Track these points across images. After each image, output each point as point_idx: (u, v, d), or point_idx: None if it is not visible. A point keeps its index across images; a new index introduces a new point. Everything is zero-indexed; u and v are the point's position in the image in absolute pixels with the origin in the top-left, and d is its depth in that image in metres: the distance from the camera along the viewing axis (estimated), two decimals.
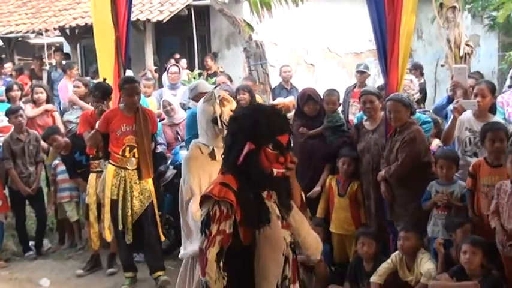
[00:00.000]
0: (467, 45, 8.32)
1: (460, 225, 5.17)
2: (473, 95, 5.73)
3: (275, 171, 3.05)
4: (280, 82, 10.63)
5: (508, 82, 7.10)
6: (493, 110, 5.86)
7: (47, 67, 14.58)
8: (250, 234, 3.01)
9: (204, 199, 3.04)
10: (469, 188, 5.30)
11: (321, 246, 3.36)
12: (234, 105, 4.53)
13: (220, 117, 4.43)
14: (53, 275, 7.09)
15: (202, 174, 4.39)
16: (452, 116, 5.74)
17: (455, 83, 6.16)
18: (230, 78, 9.89)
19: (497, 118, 5.78)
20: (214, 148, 4.46)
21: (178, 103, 8.35)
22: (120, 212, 6.39)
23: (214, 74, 12.04)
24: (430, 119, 6.46)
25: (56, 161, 7.92)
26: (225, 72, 11.22)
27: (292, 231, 3.18)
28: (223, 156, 3.20)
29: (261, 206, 3.05)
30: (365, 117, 6.28)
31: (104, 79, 7.06)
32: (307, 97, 6.50)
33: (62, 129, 8.32)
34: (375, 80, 13.92)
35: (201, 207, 3.08)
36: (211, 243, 2.95)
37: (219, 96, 4.50)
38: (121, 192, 6.40)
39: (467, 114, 5.72)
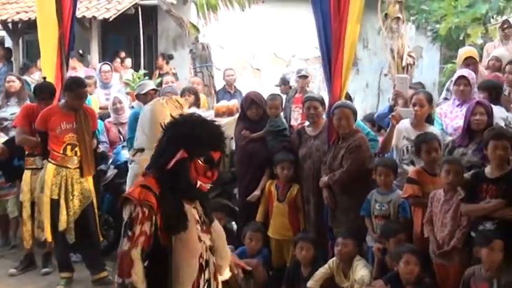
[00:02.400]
0: (410, 56, 8.49)
1: (394, 234, 5.23)
2: (412, 104, 5.85)
3: (199, 183, 3.12)
4: (224, 85, 10.63)
5: (443, 94, 7.27)
6: (429, 120, 6.00)
7: None
8: (168, 238, 3.04)
9: (125, 201, 3.05)
10: (414, 194, 5.30)
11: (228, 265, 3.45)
12: (185, 111, 4.48)
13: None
14: None
15: None
16: (390, 124, 5.84)
17: (396, 92, 6.27)
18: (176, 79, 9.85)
19: (434, 128, 5.92)
20: None
21: (127, 102, 8.25)
22: (64, 211, 6.29)
23: (167, 75, 11.99)
24: (378, 139, 6.49)
25: None
26: (172, 73, 11.18)
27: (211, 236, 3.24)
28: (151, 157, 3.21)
29: (180, 212, 3.08)
30: (307, 123, 6.33)
31: (44, 78, 6.94)
32: (251, 101, 6.52)
33: None
34: (320, 86, 14.06)
35: (122, 209, 3.08)
36: (135, 244, 2.97)
37: (169, 100, 4.45)
38: (63, 191, 6.30)
39: (405, 123, 5.83)
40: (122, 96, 8.26)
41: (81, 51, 12.61)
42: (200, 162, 3.09)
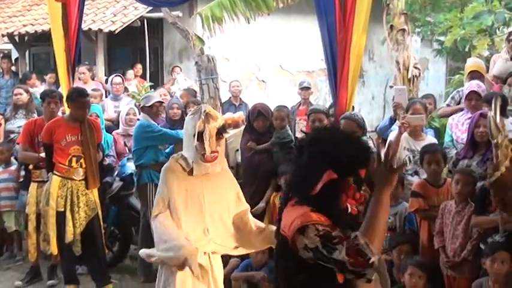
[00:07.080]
0: (416, 67, 8.46)
1: (396, 245, 5.19)
2: (409, 114, 5.86)
3: (349, 207, 2.75)
4: (230, 97, 10.64)
5: (447, 101, 7.30)
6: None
7: None
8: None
9: (302, 229, 2.63)
10: (421, 208, 5.26)
11: None
12: (220, 122, 4.41)
13: (201, 133, 4.32)
14: None
15: (177, 187, 4.34)
16: (397, 132, 5.83)
17: (396, 103, 6.28)
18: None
19: (431, 137, 5.96)
20: (194, 164, 4.36)
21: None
22: (70, 223, 6.27)
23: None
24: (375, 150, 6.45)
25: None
26: (166, 86, 11.27)
27: None
28: (285, 182, 2.93)
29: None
30: None
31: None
32: (258, 113, 6.51)
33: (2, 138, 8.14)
34: (326, 98, 14.06)
35: (299, 237, 2.65)
36: (344, 240, 2.57)
37: (205, 111, 4.38)
38: (68, 203, 6.29)
39: (404, 134, 5.84)
40: (136, 109, 8.21)
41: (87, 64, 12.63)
42: (350, 182, 2.72)
